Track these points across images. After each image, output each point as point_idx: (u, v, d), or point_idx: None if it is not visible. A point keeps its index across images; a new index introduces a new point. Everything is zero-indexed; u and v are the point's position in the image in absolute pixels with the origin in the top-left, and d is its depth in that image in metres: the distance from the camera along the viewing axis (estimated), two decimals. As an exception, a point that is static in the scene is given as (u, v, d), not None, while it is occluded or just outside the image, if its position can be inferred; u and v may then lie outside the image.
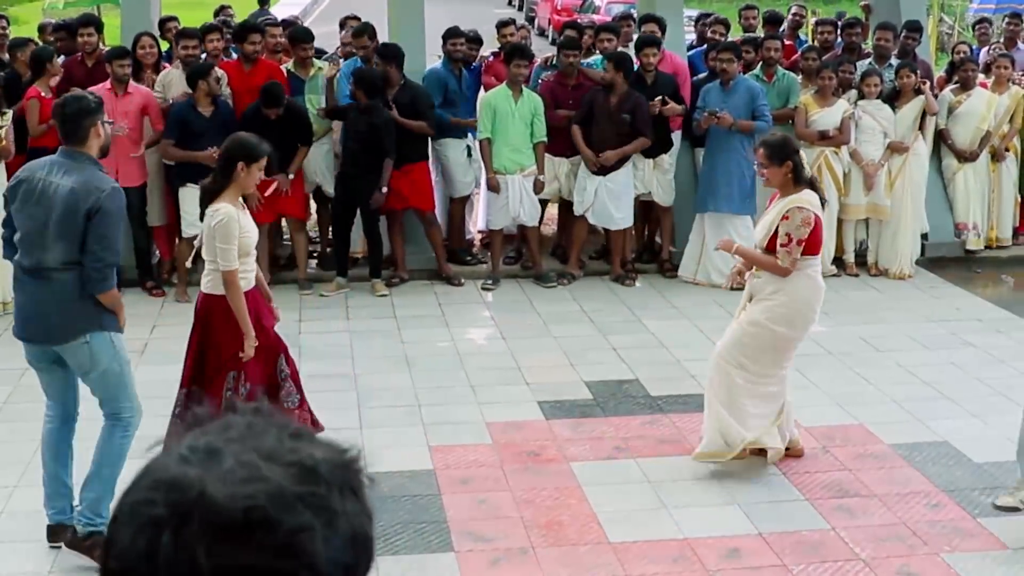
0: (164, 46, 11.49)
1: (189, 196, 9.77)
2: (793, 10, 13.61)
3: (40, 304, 5.57)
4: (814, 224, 6.36)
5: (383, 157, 9.91)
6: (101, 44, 10.65)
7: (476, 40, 11.14)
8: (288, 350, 6.51)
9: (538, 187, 10.42)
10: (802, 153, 6.72)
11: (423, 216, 10.60)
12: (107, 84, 9.60)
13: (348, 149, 10.01)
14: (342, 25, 11.76)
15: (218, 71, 10.14)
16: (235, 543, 1.05)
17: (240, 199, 6.11)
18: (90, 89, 9.60)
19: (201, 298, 6.22)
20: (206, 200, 6.06)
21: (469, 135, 10.82)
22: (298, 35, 10.72)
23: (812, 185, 6.58)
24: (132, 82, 9.86)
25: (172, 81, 10.11)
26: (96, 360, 5.60)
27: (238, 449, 1.12)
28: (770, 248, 6.41)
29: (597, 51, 10.88)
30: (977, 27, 13.82)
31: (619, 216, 10.56)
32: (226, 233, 5.91)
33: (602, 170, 10.33)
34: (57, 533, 5.77)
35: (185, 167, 9.81)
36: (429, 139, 10.55)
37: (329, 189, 10.49)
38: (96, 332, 5.55)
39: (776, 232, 6.36)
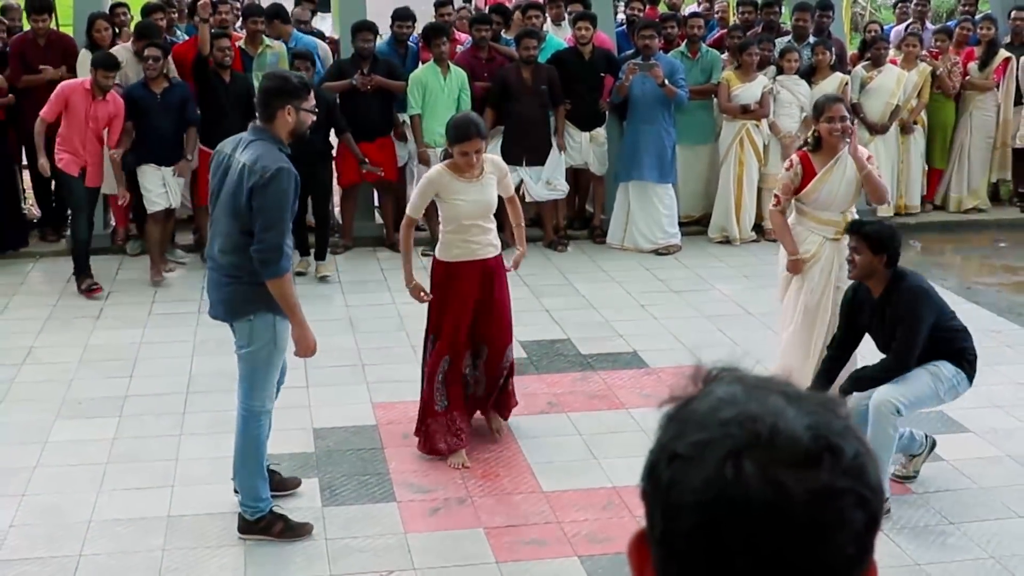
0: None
1: (149, 174, 9.89)
2: None
3: (214, 283, 5.57)
4: None
5: (333, 137, 10.14)
6: (53, 24, 10.64)
7: (408, 17, 11.33)
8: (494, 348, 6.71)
9: None
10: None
11: (388, 185, 10.90)
12: (86, 83, 9.37)
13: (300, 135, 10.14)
14: (297, 2, 11.92)
15: (155, 52, 10.25)
16: (810, 467, 1.12)
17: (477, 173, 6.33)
18: (69, 83, 9.36)
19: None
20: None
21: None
22: (249, 8, 10.80)
23: None
24: (113, 92, 9.55)
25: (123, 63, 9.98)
26: (253, 339, 5.47)
27: (764, 394, 1.18)
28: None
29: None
30: (898, 6, 14.32)
31: (562, 188, 11.06)
32: (418, 189, 6.51)
33: (529, 160, 10.72)
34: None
35: (142, 147, 9.78)
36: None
37: None
38: (262, 312, 5.42)
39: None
